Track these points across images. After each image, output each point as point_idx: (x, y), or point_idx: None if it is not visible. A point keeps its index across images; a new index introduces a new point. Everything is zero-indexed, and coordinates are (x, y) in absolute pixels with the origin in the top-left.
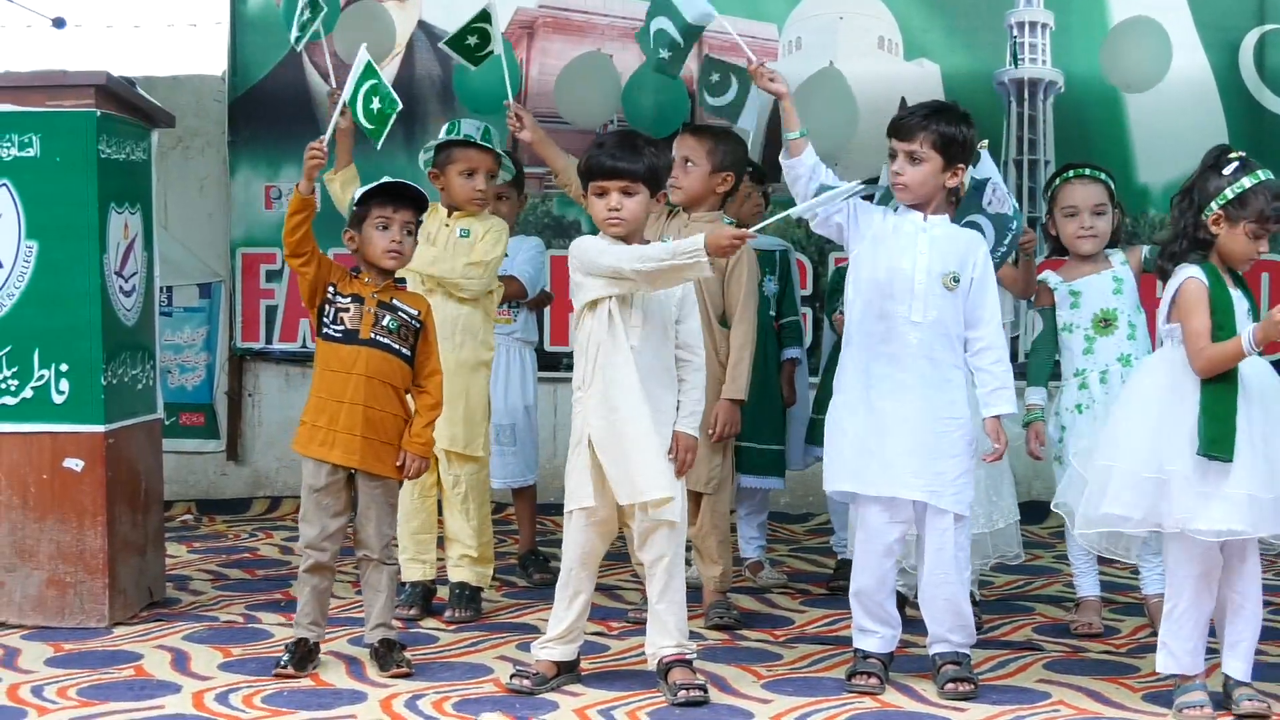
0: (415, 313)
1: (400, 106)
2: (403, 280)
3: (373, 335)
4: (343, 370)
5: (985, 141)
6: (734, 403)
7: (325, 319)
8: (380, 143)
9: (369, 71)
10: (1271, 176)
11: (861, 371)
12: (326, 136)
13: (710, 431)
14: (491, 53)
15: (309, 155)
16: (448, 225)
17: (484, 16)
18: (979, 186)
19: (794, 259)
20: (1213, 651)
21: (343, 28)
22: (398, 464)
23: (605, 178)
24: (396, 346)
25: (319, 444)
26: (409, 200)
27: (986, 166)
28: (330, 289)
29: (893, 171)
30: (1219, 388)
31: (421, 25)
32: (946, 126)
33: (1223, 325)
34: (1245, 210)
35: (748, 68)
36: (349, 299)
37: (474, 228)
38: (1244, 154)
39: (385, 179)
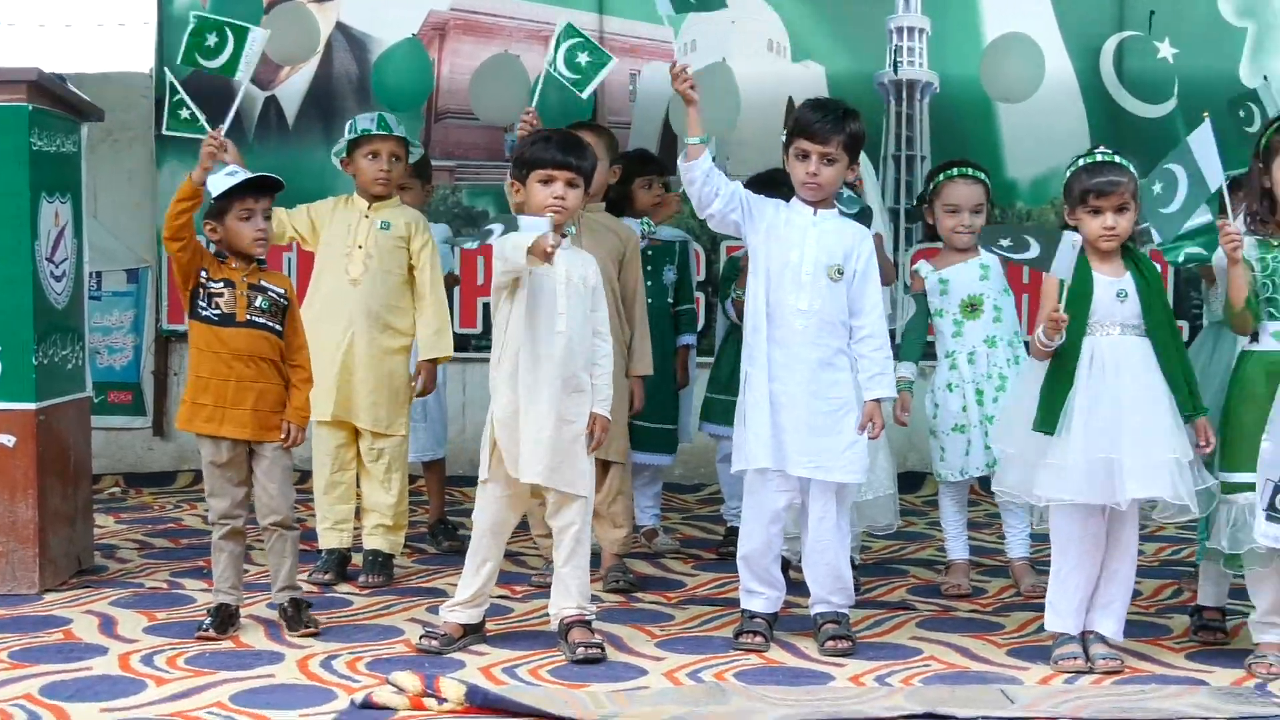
0: (282, 291)
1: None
2: (263, 261)
3: (249, 317)
4: (225, 351)
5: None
6: (643, 379)
7: (200, 302)
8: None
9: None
10: (1099, 158)
11: (760, 355)
12: (224, 127)
13: (630, 408)
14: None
15: (206, 144)
16: (368, 217)
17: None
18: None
19: (693, 249)
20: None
21: (268, 28)
22: (282, 435)
23: (555, 168)
24: (271, 324)
25: (204, 420)
26: (265, 189)
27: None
28: (203, 274)
29: (808, 172)
30: (1054, 369)
31: (339, 26)
32: (855, 127)
33: (1074, 311)
34: (1072, 196)
35: (671, 69)
36: (221, 283)
37: (394, 220)
38: (1100, 147)
39: (245, 176)
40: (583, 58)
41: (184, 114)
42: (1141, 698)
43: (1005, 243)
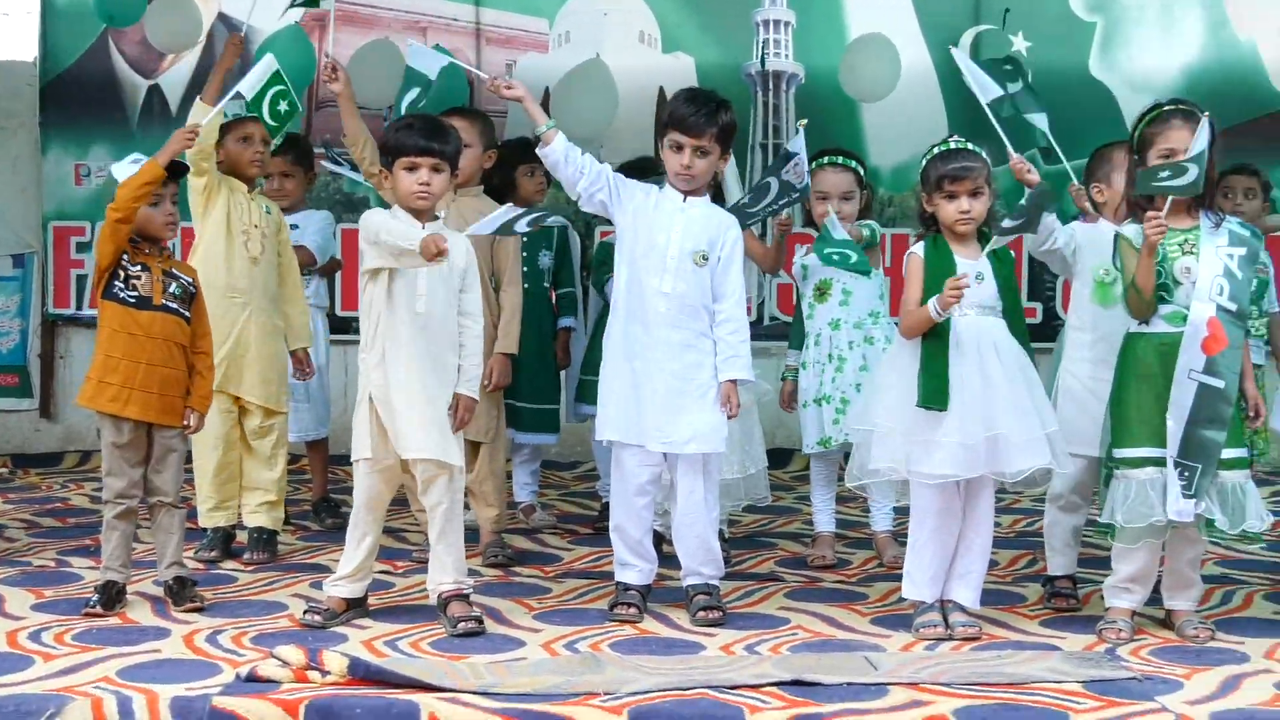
0: (190, 280)
1: (302, 111)
2: (172, 251)
3: (163, 301)
4: (141, 333)
5: (804, 120)
6: (506, 356)
7: (117, 284)
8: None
9: (275, 78)
10: (954, 145)
11: (622, 335)
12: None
13: (486, 384)
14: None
15: (184, 138)
16: (253, 200)
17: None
18: (788, 156)
19: (571, 235)
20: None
21: (152, 17)
22: (185, 423)
23: (419, 154)
24: (182, 310)
25: (109, 399)
26: (172, 175)
27: (799, 143)
28: (124, 256)
29: (682, 164)
30: (931, 346)
31: (221, 16)
32: (727, 119)
33: (933, 290)
34: (929, 182)
35: (486, 86)
36: (139, 267)
37: (271, 207)
38: (955, 136)
39: (146, 160)
40: (282, 105)
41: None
42: (998, 663)
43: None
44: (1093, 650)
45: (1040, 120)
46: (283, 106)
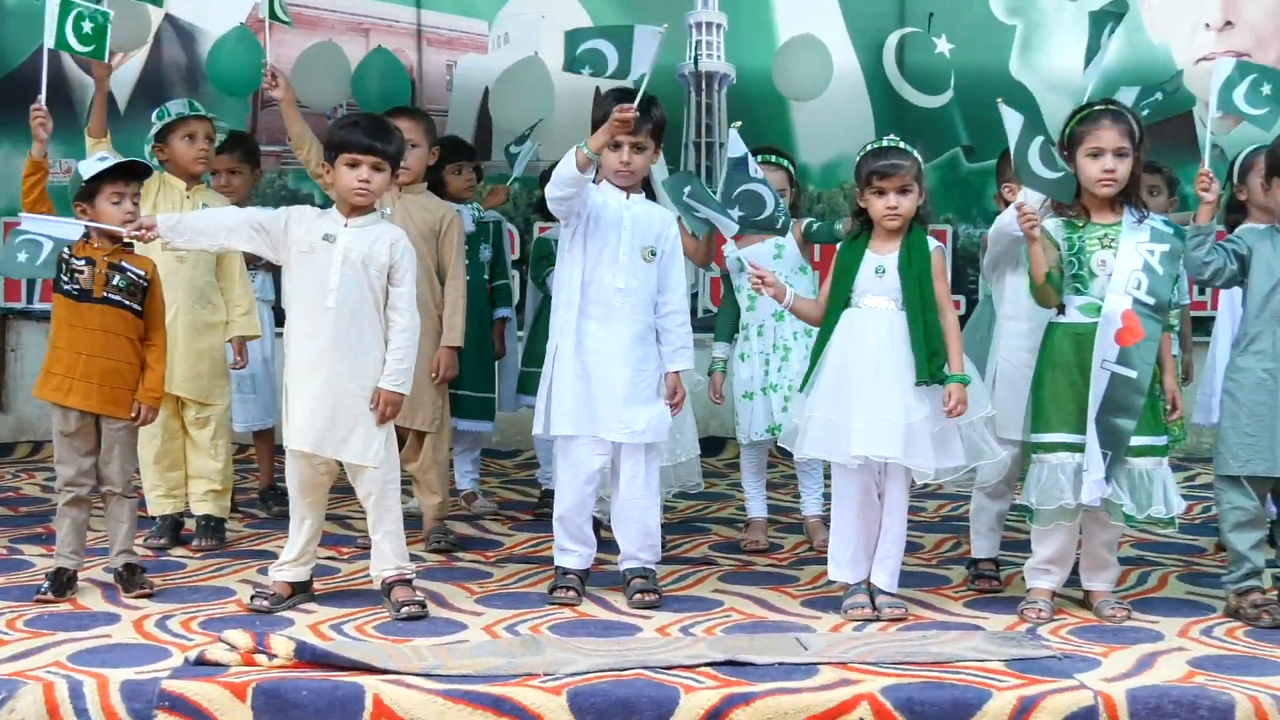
0: (142, 273)
1: (111, 14)
2: (130, 244)
3: (105, 294)
4: (81, 325)
5: (738, 123)
6: (452, 349)
7: (62, 277)
8: (105, 56)
9: (65, 6)
10: (885, 144)
11: (575, 330)
12: (42, 98)
13: (434, 376)
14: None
15: (34, 119)
16: (189, 199)
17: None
18: (742, 161)
19: (506, 229)
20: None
21: None
22: (132, 414)
23: (361, 152)
24: (127, 303)
25: (53, 389)
26: (135, 175)
27: (739, 145)
28: (66, 250)
29: (621, 161)
30: (818, 336)
31: (168, 17)
32: (659, 115)
33: (836, 284)
34: (860, 179)
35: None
36: (83, 261)
37: (212, 203)
38: (889, 135)
39: (114, 160)
40: (86, 26)
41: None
42: (924, 642)
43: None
44: (1014, 630)
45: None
46: (88, 27)
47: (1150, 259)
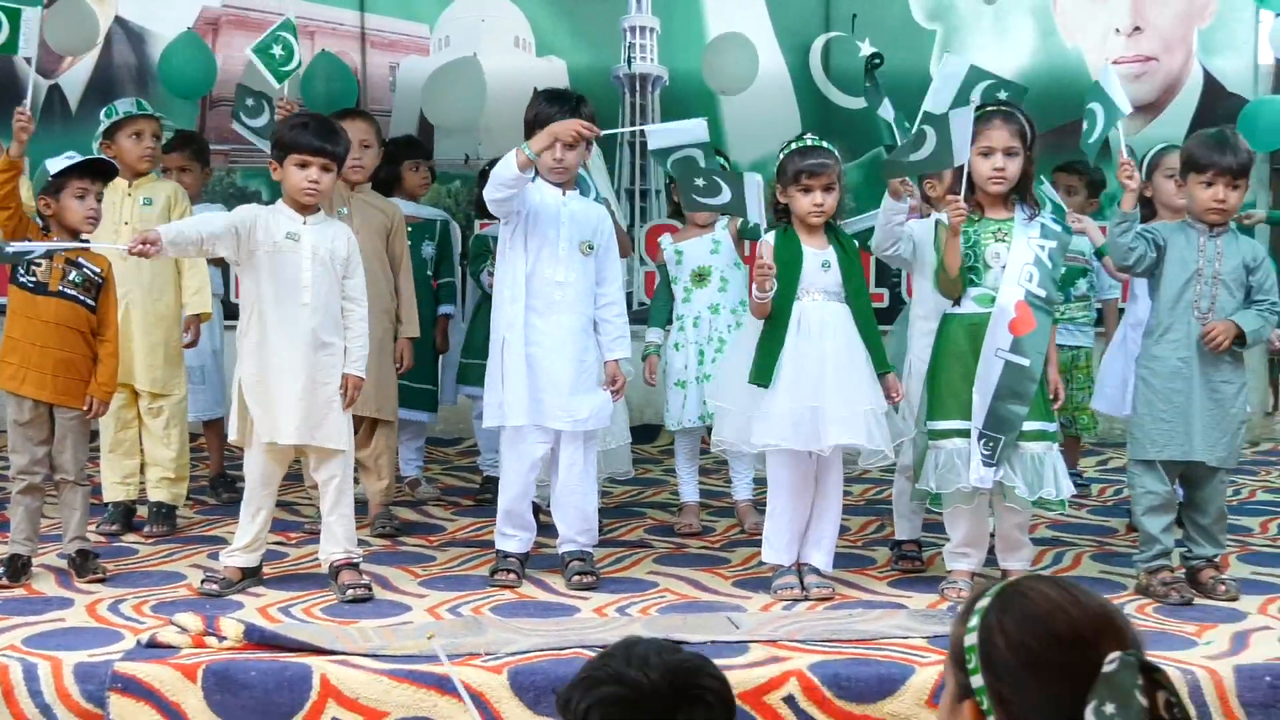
0: (98, 270)
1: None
2: (86, 240)
3: (60, 288)
4: (36, 317)
5: (703, 119)
6: (411, 340)
7: (20, 270)
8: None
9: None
10: (809, 143)
11: (521, 323)
12: (28, 103)
13: (398, 366)
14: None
15: (16, 123)
16: (130, 195)
17: (287, 26)
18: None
19: (453, 228)
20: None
21: (51, 20)
22: (85, 406)
23: (311, 154)
24: (82, 298)
25: (8, 377)
26: (101, 173)
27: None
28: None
29: (555, 159)
30: (769, 328)
31: (118, 20)
32: (588, 113)
33: (784, 279)
34: (786, 176)
35: None
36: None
37: (153, 195)
38: (810, 134)
39: (80, 157)
40: (277, 50)
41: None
42: (850, 620)
43: (700, 183)
44: (936, 608)
45: (887, 113)
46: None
47: (1041, 253)
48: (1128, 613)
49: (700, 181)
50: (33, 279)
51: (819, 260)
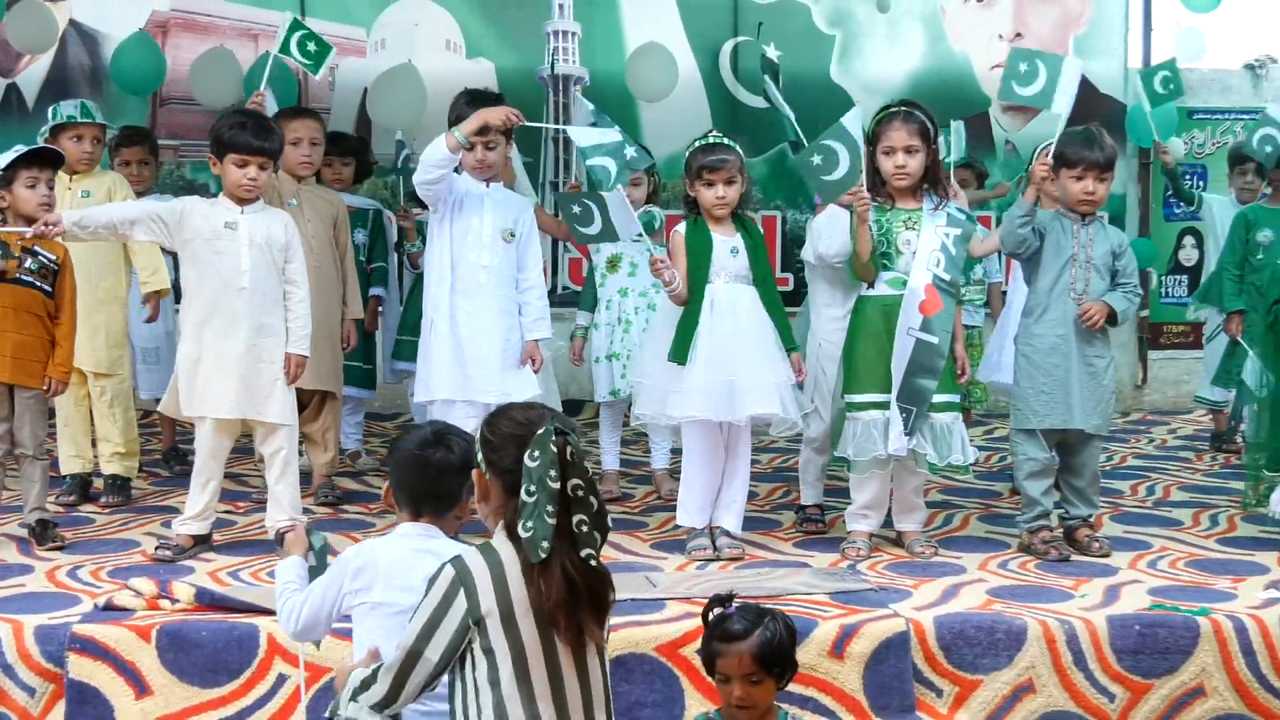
0: (54, 257)
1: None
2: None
3: (18, 275)
4: None
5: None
6: (355, 319)
7: None
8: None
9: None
10: (712, 140)
11: (448, 305)
12: None
13: (344, 345)
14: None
15: None
16: (70, 189)
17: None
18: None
19: (386, 217)
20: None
21: (11, 22)
22: (44, 386)
23: (250, 153)
24: (38, 284)
25: None
26: (49, 161)
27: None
28: None
29: (477, 159)
30: (685, 311)
31: (72, 23)
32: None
33: (696, 265)
34: (691, 171)
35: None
36: None
37: (92, 188)
38: (713, 131)
39: (27, 147)
40: (311, 46)
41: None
42: (758, 578)
43: (576, 210)
44: (837, 566)
45: (789, 112)
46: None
47: (946, 241)
48: (1011, 569)
49: (576, 209)
50: None
51: (727, 246)
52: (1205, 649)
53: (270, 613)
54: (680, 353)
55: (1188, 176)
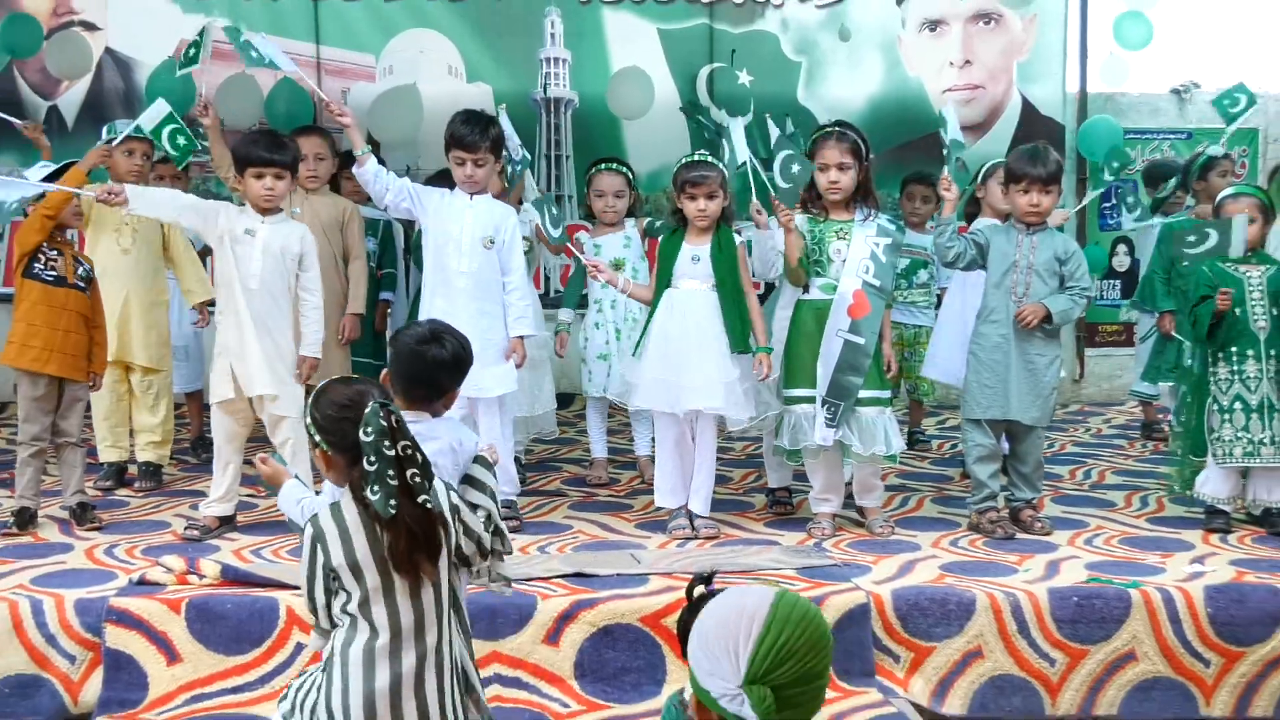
0: (89, 266)
1: (197, 145)
2: (75, 189)
3: (74, 281)
4: (57, 306)
5: (503, 105)
6: (356, 315)
7: (37, 265)
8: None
9: (169, 119)
10: (696, 158)
11: (429, 309)
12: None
13: (340, 337)
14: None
15: (100, 154)
16: None
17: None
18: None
19: (395, 227)
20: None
21: (51, 50)
22: (90, 382)
23: (265, 165)
24: (84, 288)
25: (31, 359)
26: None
27: (504, 120)
28: (43, 244)
29: (466, 175)
30: (648, 311)
31: (108, 50)
32: (495, 133)
33: (661, 270)
34: (677, 185)
35: (324, 109)
36: (55, 252)
37: None
38: (701, 151)
39: (52, 167)
40: (181, 140)
41: (180, 141)
42: (733, 555)
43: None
44: (804, 544)
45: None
46: (181, 140)
47: (876, 249)
48: (961, 546)
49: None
50: (53, 273)
51: (690, 255)
52: (1136, 618)
53: (289, 587)
54: (635, 348)
55: (1119, 189)
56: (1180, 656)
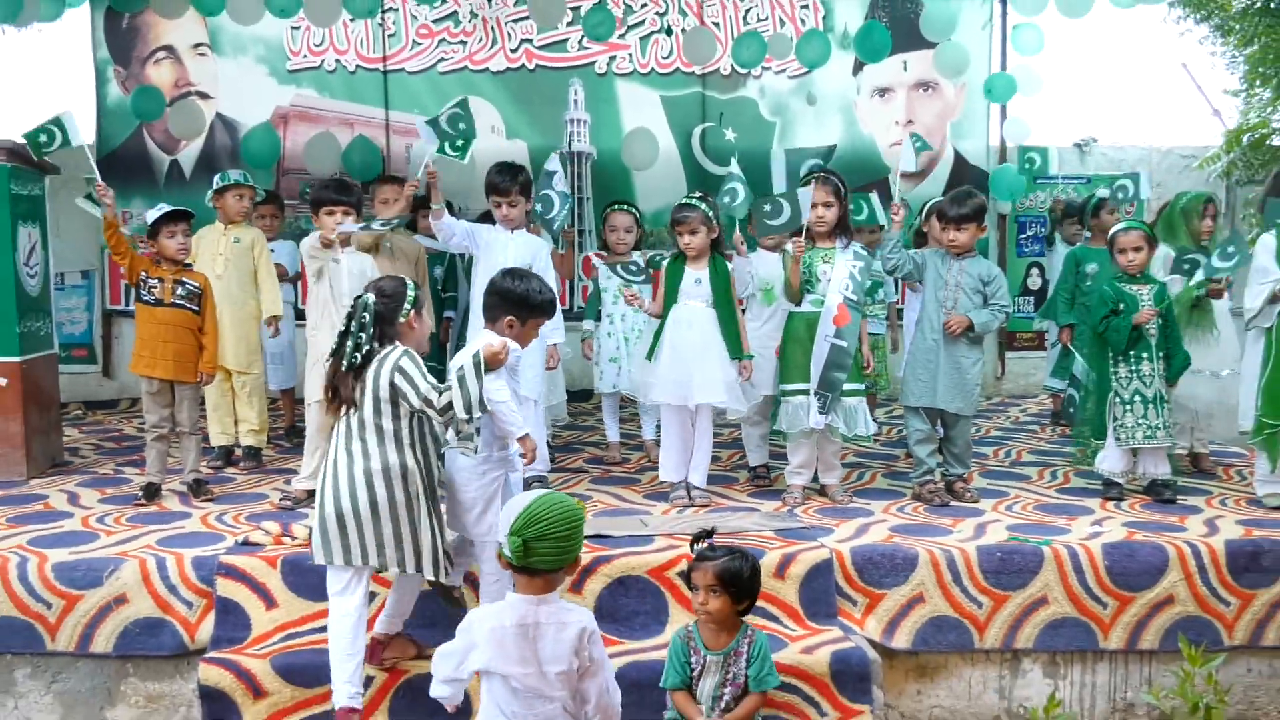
0: (197, 285)
1: (66, 120)
2: (190, 263)
3: (173, 300)
4: (157, 322)
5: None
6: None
7: (142, 291)
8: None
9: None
10: (685, 200)
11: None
12: (98, 178)
13: None
14: (468, 142)
15: (101, 195)
16: (224, 235)
17: (463, 104)
18: (550, 174)
19: (457, 257)
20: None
21: (173, 115)
22: (198, 379)
23: (333, 204)
24: (189, 306)
25: (145, 366)
26: (183, 217)
27: (555, 162)
28: (144, 273)
29: (503, 215)
30: (659, 324)
31: (218, 115)
32: (524, 178)
33: (669, 290)
34: (671, 223)
35: (424, 167)
36: (156, 280)
37: (240, 235)
38: (691, 195)
39: (170, 208)
40: (462, 126)
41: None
42: (723, 518)
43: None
44: (779, 511)
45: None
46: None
47: (854, 270)
48: (906, 512)
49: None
50: (152, 296)
51: (693, 278)
52: (1048, 570)
53: None
54: (650, 353)
55: (1032, 225)
56: (1083, 600)
